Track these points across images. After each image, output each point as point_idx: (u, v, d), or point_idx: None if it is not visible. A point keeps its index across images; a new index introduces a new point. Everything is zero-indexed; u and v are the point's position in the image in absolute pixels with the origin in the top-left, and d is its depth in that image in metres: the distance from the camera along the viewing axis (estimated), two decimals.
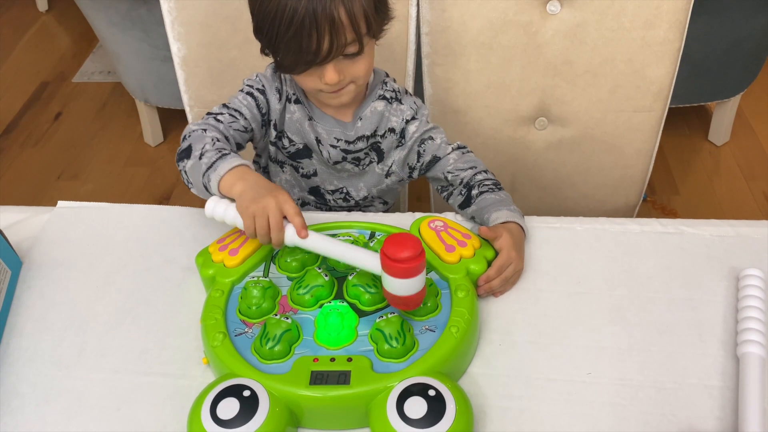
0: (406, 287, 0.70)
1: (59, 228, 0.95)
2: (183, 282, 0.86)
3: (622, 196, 1.30)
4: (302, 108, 0.96)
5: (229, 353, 0.72)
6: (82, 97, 2.35)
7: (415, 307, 0.73)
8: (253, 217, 0.75)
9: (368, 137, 0.97)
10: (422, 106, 0.99)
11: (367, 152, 0.99)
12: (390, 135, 0.97)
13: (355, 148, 0.97)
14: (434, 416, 0.64)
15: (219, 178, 0.80)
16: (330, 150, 0.97)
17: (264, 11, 0.82)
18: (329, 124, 0.96)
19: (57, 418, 0.72)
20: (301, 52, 0.82)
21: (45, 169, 2.05)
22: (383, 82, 0.97)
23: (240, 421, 0.64)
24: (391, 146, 0.99)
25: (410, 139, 0.97)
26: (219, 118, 0.90)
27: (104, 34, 1.83)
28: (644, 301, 0.81)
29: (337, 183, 1.03)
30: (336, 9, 0.80)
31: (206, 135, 0.86)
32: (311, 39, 0.81)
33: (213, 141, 0.84)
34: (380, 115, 0.96)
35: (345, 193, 1.04)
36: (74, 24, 2.71)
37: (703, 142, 2.06)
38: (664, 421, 0.69)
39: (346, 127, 0.96)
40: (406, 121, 0.97)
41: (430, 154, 0.98)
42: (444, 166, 0.97)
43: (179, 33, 1.16)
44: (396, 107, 0.97)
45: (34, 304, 0.84)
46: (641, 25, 1.11)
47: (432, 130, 0.98)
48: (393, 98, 0.97)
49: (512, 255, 0.82)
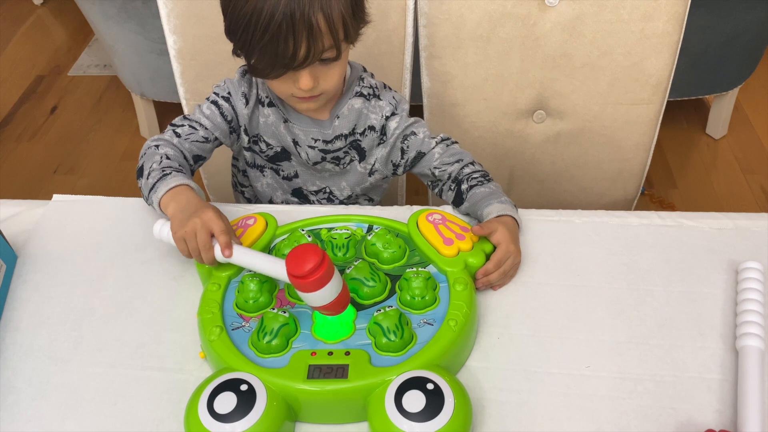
0: (321, 297, 0.69)
1: (54, 222, 0.94)
2: (179, 275, 0.85)
3: (621, 190, 1.30)
4: (276, 111, 0.95)
5: (227, 347, 0.71)
6: (77, 91, 2.34)
7: (343, 310, 0.72)
8: (184, 241, 0.77)
9: (346, 136, 0.95)
10: (402, 101, 0.97)
11: (346, 151, 0.98)
12: (370, 133, 0.96)
13: (333, 148, 0.96)
14: (433, 410, 0.63)
15: (158, 200, 0.82)
16: (308, 151, 0.96)
17: (239, 13, 0.79)
18: (306, 124, 0.95)
19: (53, 413, 0.71)
20: (276, 57, 0.80)
21: (41, 164, 2.05)
22: (360, 78, 0.95)
23: (237, 415, 0.64)
24: (372, 144, 0.98)
25: (392, 136, 0.96)
26: (177, 131, 0.92)
27: (100, 27, 1.82)
28: (643, 294, 0.81)
29: (320, 183, 1.02)
30: (315, 15, 0.77)
31: (157, 152, 0.88)
32: (288, 45, 0.79)
33: (161, 159, 0.86)
34: (358, 113, 0.94)
35: (328, 192, 1.03)
36: (70, 17, 2.69)
37: (701, 136, 2.06)
38: (663, 414, 0.69)
39: (323, 126, 0.95)
40: (386, 117, 0.95)
41: (414, 150, 0.96)
42: (430, 162, 0.96)
43: (175, 26, 1.15)
44: (374, 104, 0.95)
45: (29, 298, 0.84)
46: (640, 17, 1.10)
47: (413, 124, 0.96)
48: (371, 95, 0.95)
49: (511, 248, 0.81)
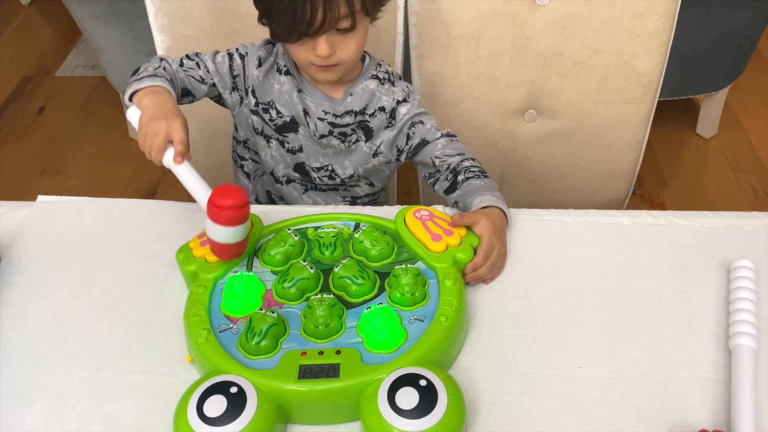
0: (224, 233, 0.75)
1: (39, 223, 0.93)
2: (166, 277, 0.84)
3: (612, 189, 1.30)
4: (292, 80, 0.97)
5: (215, 350, 0.70)
6: (65, 92, 2.32)
7: (232, 258, 0.78)
8: (145, 135, 0.80)
9: (356, 113, 0.97)
10: (414, 91, 1.01)
11: (354, 129, 0.99)
12: (380, 114, 0.98)
13: (342, 122, 0.98)
14: (426, 406, 0.63)
15: (137, 88, 0.85)
16: (317, 122, 0.98)
17: None
18: (318, 98, 0.97)
19: (37, 418, 0.70)
20: (294, 22, 0.85)
21: (28, 165, 2.03)
22: (378, 64, 1.00)
23: (228, 418, 0.63)
24: (380, 125, 0.99)
25: (401, 121, 0.98)
26: (183, 61, 0.95)
27: (87, 27, 1.80)
28: (635, 294, 0.80)
29: (323, 160, 1.03)
30: None
31: (157, 62, 0.91)
32: (305, 10, 0.83)
33: (156, 68, 0.89)
34: (371, 94, 0.97)
35: (330, 170, 1.03)
36: (57, 17, 2.67)
37: (691, 135, 2.06)
38: (656, 415, 0.68)
39: (335, 102, 0.98)
40: (398, 102, 0.98)
41: (419, 137, 0.98)
42: (432, 151, 0.98)
43: (162, 25, 1.14)
44: (388, 88, 0.98)
45: (12, 300, 0.82)
46: (630, 16, 1.10)
47: (423, 114, 0.99)
48: (386, 79, 0.98)
49: (493, 240, 0.81)
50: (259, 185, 1.11)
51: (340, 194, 1.08)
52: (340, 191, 1.07)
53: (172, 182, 1.97)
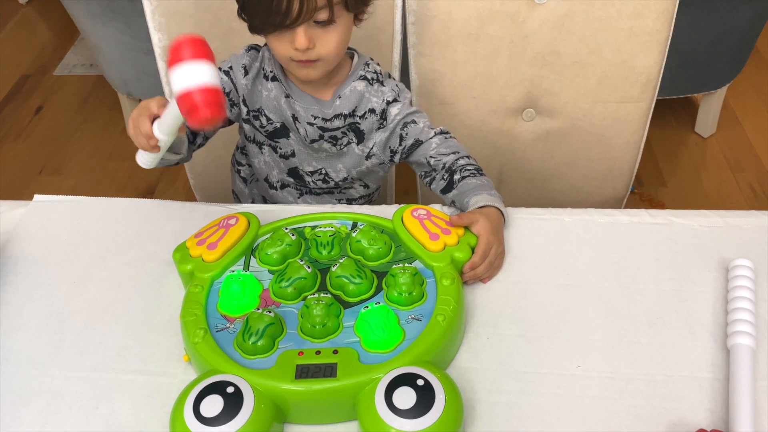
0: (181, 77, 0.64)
1: (35, 222, 0.92)
2: (163, 277, 0.84)
3: (610, 188, 1.30)
4: (279, 86, 0.96)
5: (211, 349, 0.70)
6: (63, 91, 2.32)
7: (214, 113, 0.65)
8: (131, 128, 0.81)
9: (346, 116, 0.96)
10: (404, 90, 0.99)
11: (344, 131, 0.98)
12: (370, 116, 0.97)
13: (332, 126, 0.97)
14: (424, 405, 0.63)
15: None
16: (307, 127, 0.97)
17: None
18: (307, 101, 0.96)
19: (33, 418, 0.70)
20: (271, 13, 0.83)
21: (26, 164, 2.02)
22: (366, 64, 0.98)
23: (225, 418, 0.63)
24: (371, 127, 0.98)
25: (392, 122, 0.97)
26: None
27: (85, 26, 1.80)
28: (634, 293, 0.80)
29: (316, 164, 1.02)
30: None
31: None
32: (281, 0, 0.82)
33: None
34: (360, 95, 0.96)
35: (324, 174, 1.03)
36: (55, 16, 2.67)
37: (690, 134, 2.06)
38: (654, 414, 0.68)
39: (324, 105, 0.96)
40: (388, 102, 0.97)
41: (412, 137, 0.97)
42: (426, 151, 0.97)
43: (160, 23, 1.14)
44: (377, 88, 0.96)
45: (9, 300, 0.82)
46: (629, 14, 1.10)
47: (415, 113, 0.98)
48: (374, 79, 0.97)
49: (491, 239, 0.81)
50: (255, 189, 1.11)
51: (335, 197, 1.07)
52: (335, 194, 1.07)
53: (170, 182, 1.97)
